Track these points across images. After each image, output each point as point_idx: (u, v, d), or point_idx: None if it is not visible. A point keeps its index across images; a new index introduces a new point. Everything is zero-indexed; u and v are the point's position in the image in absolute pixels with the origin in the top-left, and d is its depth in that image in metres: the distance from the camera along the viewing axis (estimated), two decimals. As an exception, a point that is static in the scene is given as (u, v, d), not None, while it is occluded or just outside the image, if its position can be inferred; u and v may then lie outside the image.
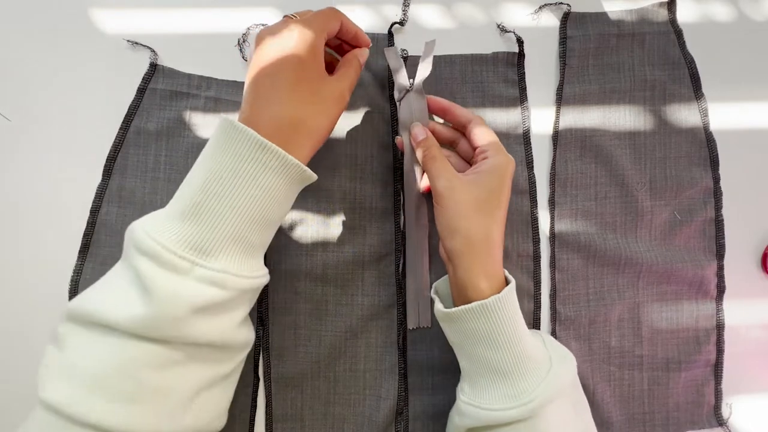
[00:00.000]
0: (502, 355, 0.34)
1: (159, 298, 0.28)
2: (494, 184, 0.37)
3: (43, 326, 0.45)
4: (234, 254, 0.31)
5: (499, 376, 0.34)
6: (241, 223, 0.31)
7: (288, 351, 0.45)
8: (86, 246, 0.45)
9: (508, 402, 0.34)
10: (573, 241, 0.46)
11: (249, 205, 0.31)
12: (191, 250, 0.30)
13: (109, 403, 0.28)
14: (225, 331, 0.31)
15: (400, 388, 0.45)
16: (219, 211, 0.30)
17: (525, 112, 0.47)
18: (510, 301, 0.35)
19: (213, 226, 0.30)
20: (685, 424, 0.46)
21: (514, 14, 0.49)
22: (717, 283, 0.47)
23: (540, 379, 0.34)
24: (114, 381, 0.28)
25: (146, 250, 0.29)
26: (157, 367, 0.29)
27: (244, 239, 0.31)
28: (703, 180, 0.47)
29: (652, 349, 0.46)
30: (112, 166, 0.46)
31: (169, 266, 0.29)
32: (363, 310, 0.45)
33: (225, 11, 0.48)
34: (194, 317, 0.29)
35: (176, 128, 0.46)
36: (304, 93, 0.33)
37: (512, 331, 0.34)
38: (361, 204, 0.46)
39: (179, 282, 0.29)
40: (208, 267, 0.30)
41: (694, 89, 0.48)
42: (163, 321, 0.28)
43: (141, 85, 0.47)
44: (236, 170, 0.30)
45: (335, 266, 0.46)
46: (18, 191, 0.46)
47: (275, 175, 0.31)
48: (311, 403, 0.45)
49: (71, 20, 0.47)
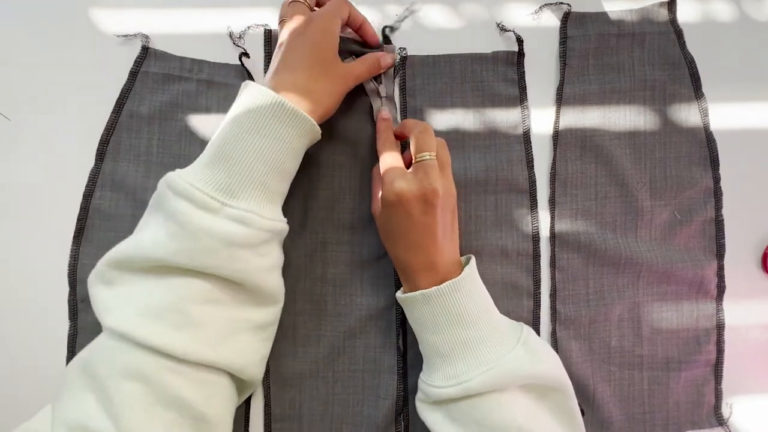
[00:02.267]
0: (443, 339, 0.38)
1: (192, 232, 0.33)
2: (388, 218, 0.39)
3: (43, 315, 0.45)
4: (256, 197, 0.35)
5: (441, 358, 0.38)
6: (262, 169, 0.36)
7: (286, 351, 0.45)
8: (80, 231, 0.45)
9: (446, 381, 0.37)
10: (573, 241, 0.46)
11: (268, 153, 0.36)
12: (220, 192, 0.34)
13: (164, 329, 0.33)
14: (253, 270, 0.35)
15: (399, 388, 0.44)
16: (243, 158, 0.35)
17: (525, 111, 0.47)
18: (450, 292, 0.37)
19: (239, 170, 0.35)
20: (685, 423, 0.46)
21: (514, 14, 0.49)
22: (717, 283, 0.46)
23: (481, 364, 0.36)
24: (164, 312, 0.33)
25: (181, 192, 0.34)
26: (198, 301, 0.34)
27: (265, 184, 0.36)
28: (703, 180, 0.47)
29: (652, 348, 0.46)
30: (104, 150, 0.46)
31: (202, 205, 0.34)
32: (362, 310, 0.45)
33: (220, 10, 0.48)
34: (225, 251, 0.34)
35: (169, 111, 0.46)
36: (318, 70, 0.39)
37: (452, 319, 0.37)
38: (360, 204, 0.46)
39: (211, 218, 0.34)
40: (236, 206, 0.34)
41: (694, 89, 0.48)
42: (197, 252, 0.33)
43: (133, 69, 0.47)
44: (258, 123, 0.36)
45: (334, 266, 0.46)
46: (12, 178, 0.46)
47: (289, 128, 0.37)
48: (310, 403, 0.45)
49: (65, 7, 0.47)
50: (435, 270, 0.38)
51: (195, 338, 0.34)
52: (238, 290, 0.36)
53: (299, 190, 0.46)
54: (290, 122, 0.37)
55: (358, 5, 0.44)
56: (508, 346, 0.38)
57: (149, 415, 0.32)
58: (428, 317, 0.38)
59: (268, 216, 0.36)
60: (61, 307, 0.45)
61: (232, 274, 0.34)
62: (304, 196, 0.46)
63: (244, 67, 0.47)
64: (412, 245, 0.39)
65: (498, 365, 0.36)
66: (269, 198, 0.37)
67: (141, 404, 0.32)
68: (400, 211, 0.38)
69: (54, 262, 0.45)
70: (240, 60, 0.47)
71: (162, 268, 0.34)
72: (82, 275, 0.45)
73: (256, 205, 0.35)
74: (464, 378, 0.36)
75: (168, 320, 0.33)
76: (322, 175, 0.46)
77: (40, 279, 0.45)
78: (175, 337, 0.33)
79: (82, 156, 0.46)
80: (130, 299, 0.34)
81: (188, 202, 0.34)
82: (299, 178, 0.45)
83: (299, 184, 0.46)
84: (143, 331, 0.32)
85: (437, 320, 0.38)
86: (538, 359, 0.38)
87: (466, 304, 0.38)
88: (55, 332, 0.45)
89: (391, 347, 0.45)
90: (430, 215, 0.38)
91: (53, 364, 0.44)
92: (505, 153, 0.47)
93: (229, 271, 0.34)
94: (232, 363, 0.36)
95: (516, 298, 0.46)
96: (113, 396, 0.31)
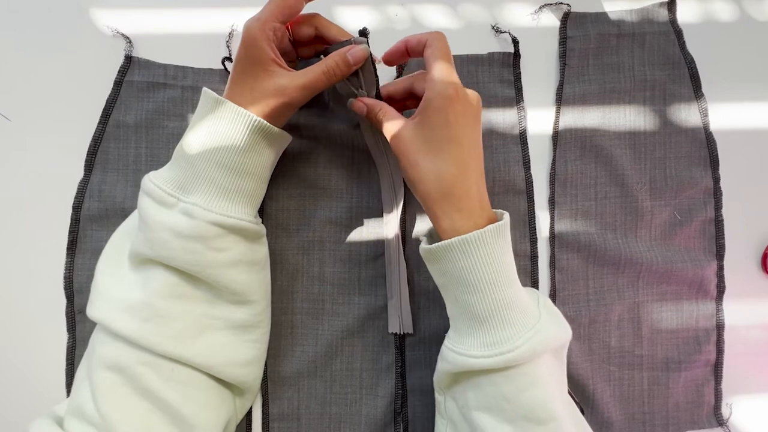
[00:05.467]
0: (482, 300, 0.33)
1: (151, 225, 0.36)
2: (436, 119, 0.35)
3: (43, 326, 0.45)
4: (206, 193, 0.36)
5: (478, 322, 0.34)
6: (208, 165, 0.36)
7: (285, 350, 0.45)
8: (73, 242, 0.45)
9: (485, 350, 0.33)
10: (573, 241, 0.46)
11: (212, 149, 0.36)
12: (176, 188, 0.36)
13: (133, 320, 0.35)
14: (208, 264, 0.36)
15: (397, 386, 0.44)
16: (192, 156, 0.36)
17: (521, 112, 0.47)
18: (492, 239, 0.33)
19: (190, 168, 0.36)
20: (685, 424, 0.46)
21: (514, 14, 0.49)
22: (717, 283, 0.46)
23: (524, 330, 0.33)
24: (136, 304, 0.35)
25: (145, 189, 0.37)
26: (164, 295, 0.36)
27: (212, 180, 0.36)
28: (703, 180, 0.47)
29: (652, 349, 0.46)
30: (93, 160, 0.46)
31: (159, 200, 0.36)
32: (360, 309, 0.45)
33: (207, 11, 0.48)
34: (176, 241, 0.35)
35: (155, 119, 0.46)
36: (243, 87, 0.38)
37: (494, 274, 0.33)
38: (358, 203, 0.46)
39: (166, 212, 0.36)
40: (185, 201, 0.36)
41: (694, 89, 0.48)
42: (153, 242, 0.35)
43: (117, 78, 0.47)
44: (203, 123, 0.37)
45: (332, 265, 0.46)
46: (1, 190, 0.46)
47: (230, 124, 0.37)
48: (308, 402, 0.45)
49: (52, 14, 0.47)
50: (471, 215, 0.34)
51: (160, 330, 0.35)
52: (208, 287, 0.37)
53: (295, 189, 0.46)
54: (230, 118, 0.37)
55: (357, 5, 0.44)
56: (536, 310, 0.35)
57: (125, 403, 0.34)
58: (466, 271, 0.33)
59: (216, 210, 0.36)
60: (59, 318, 0.45)
61: (185, 266, 0.35)
62: (300, 195, 0.46)
63: (228, 71, 0.46)
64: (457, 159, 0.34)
65: (537, 332, 0.33)
66: (220, 194, 0.37)
67: (117, 393, 0.34)
68: (445, 114, 0.34)
69: (50, 271, 0.45)
70: (223, 64, 0.46)
71: (140, 261, 0.37)
72: (78, 286, 0.45)
73: (204, 199, 0.36)
74: (507, 346, 0.33)
75: (138, 312, 0.35)
76: (320, 174, 0.46)
77: (36, 289, 0.45)
78: (142, 327, 0.35)
79: (72, 166, 0.46)
80: (110, 291, 0.37)
81: (150, 198, 0.36)
82: (296, 177, 0.46)
83: (295, 183, 0.46)
84: (120, 323, 0.35)
85: (476, 276, 0.33)
86: (560, 322, 0.37)
87: (508, 256, 0.34)
88: (54, 344, 0.45)
89: (389, 346, 0.45)
90: (478, 123, 0.36)
91: (53, 376, 0.45)
92: (502, 154, 0.47)
93: (180, 262, 0.35)
94: (206, 360, 0.37)
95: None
96: (95, 384, 0.34)
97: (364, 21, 0.48)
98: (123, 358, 0.34)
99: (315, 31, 0.41)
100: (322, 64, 0.38)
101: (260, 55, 0.37)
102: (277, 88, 0.37)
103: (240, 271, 0.38)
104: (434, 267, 0.36)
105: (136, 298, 0.35)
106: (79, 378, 0.36)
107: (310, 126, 0.46)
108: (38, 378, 0.45)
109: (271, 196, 0.46)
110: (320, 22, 0.41)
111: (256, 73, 0.37)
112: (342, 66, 0.38)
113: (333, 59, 0.38)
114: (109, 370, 0.34)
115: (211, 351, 0.37)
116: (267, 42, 0.37)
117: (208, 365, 0.37)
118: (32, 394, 0.44)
